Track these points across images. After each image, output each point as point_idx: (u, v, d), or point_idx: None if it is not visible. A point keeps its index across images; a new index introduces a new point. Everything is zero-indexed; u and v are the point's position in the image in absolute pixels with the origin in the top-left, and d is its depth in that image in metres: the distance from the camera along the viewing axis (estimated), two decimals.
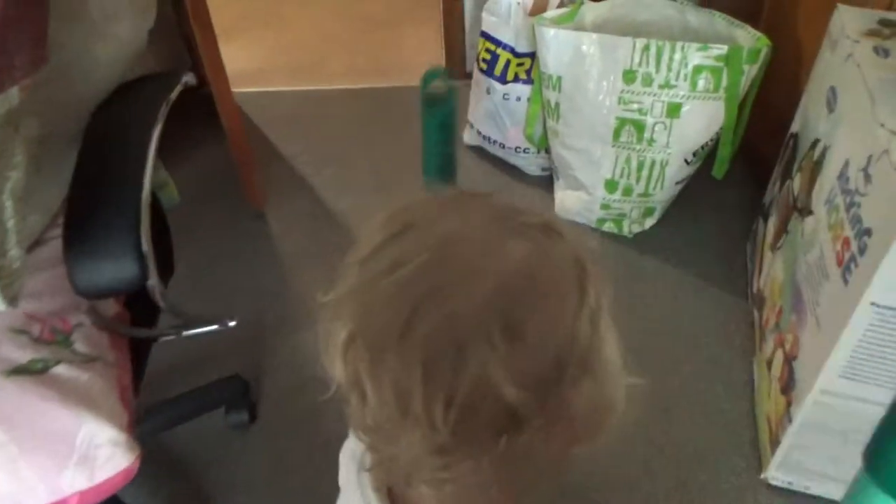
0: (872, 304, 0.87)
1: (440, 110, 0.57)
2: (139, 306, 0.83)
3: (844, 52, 1.11)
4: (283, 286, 1.60)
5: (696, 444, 1.25)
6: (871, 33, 1.12)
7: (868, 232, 0.88)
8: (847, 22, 1.15)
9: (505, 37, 1.73)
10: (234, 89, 1.66)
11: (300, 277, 1.61)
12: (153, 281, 0.70)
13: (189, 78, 0.92)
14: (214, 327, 0.91)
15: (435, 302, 0.36)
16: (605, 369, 0.40)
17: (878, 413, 1.00)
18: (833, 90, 1.14)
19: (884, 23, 1.14)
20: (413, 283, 0.37)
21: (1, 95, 0.55)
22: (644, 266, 1.63)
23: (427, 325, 0.36)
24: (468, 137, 1.97)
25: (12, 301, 0.59)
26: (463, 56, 2.29)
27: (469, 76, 2.28)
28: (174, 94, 0.86)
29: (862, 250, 0.89)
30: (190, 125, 1.45)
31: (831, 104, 1.14)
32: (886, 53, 1.07)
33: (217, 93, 1.54)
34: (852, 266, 0.91)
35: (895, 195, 0.82)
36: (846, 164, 1.01)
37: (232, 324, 0.91)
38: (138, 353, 0.84)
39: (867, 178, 0.92)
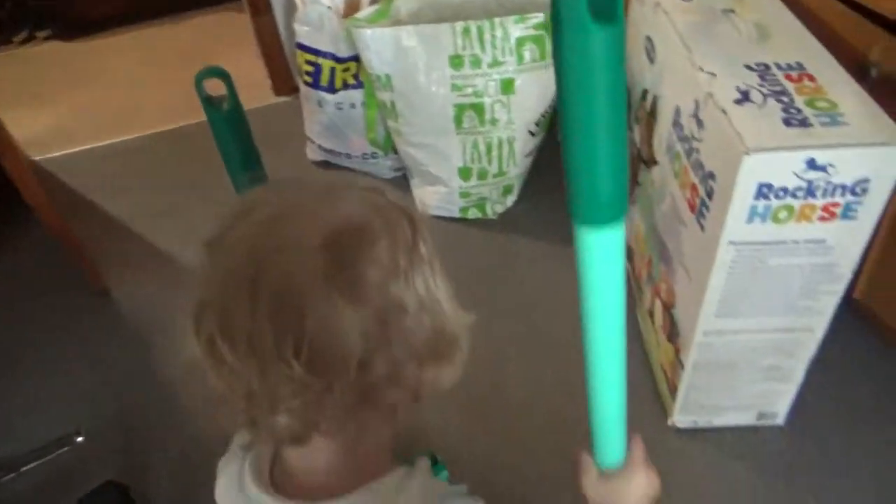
0: (730, 243, 0.89)
1: (221, 107, 0.52)
2: None
3: (652, 1, 1.13)
4: (145, 366, 1.44)
5: None
6: None
7: (711, 175, 0.90)
8: None
9: (323, 45, 1.65)
10: (40, 156, 1.47)
11: (162, 352, 1.46)
12: None
13: None
14: (62, 450, 0.77)
15: (274, 261, 0.40)
16: (440, 306, 0.44)
17: (755, 340, 1.04)
18: (650, 40, 1.16)
19: None
20: (254, 249, 0.41)
21: None
22: (513, 243, 1.62)
23: (269, 282, 0.39)
24: (311, 153, 1.88)
25: None
26: (287, 71, 2.18)
27: (297, 90, 2.18)
28: None
29: (710, 194, 0.91)
30: None
31: (650, 54, 1.16)
32: None
33: (10, 169, 1.35)
34: (704, 211, 0.93)
35: (727, 135, 0.83)
36: (677, 111, 1.03)
37: (80, 439, 0.78)
38: None
39: (699, 123, 0.93)
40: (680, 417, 1.19)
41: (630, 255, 1.41)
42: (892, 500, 1.08)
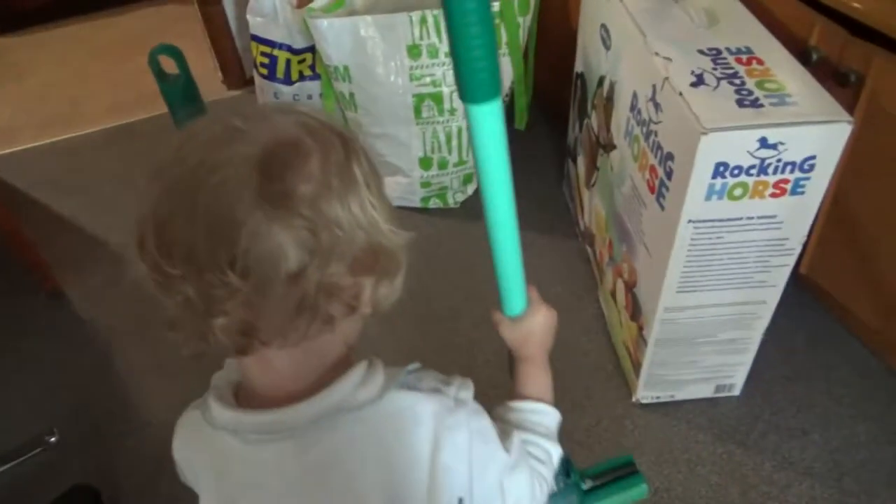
0: (690, 221, 0.93)
1: (174, 84, 0.53)
2: None
3: None
4: (105, 370, 1.41)
5: (570, 390, 1.28)
6: None
7: (670, 156, 0.93)
8: None
9: (278, 36, 1.63)
10: None
11: (123, 353, 1.43)
12: None
13: None
14: (36, 451, 0.76)
15: (209, 177, 0.42)
16: (376, 224, 0.46)
17: (713, 314, 1.09)
18: (605, 27, 1.19)
19: None
20: (192, 168, 0.43)
21: None
22: (476, 231, 1.63)
23: (204, 197, 0.41)
24: None
25: None
26: (239, 63, 2.15)
27: (250, 83, 2.15)
28: None
29: (669, 174, 0.94)
30: None
31: (606, 41, 1.19)
32: None
33: None
34: (664, 191, 0.97)
35: (685, 117, 0.87)
36: (634, 96, 1.06)
37: (53, 439, 0.77)
38: None
39: (657, 106, 0.97)
40: (644, 393, 1.23)
41: (591, 239, 1.45)
42: (839, 454, 1.15)
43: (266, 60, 1.66)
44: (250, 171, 0.42)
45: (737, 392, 1.24)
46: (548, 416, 0.64)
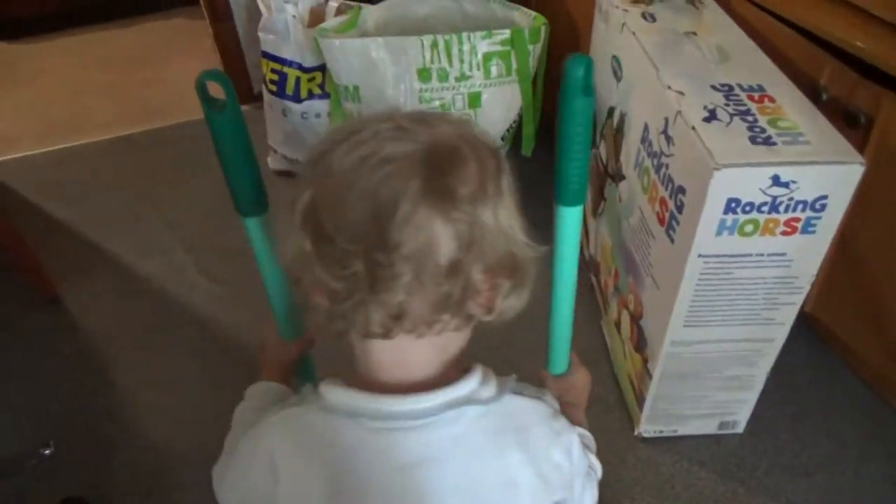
0: (700, 255, 0.93)
1: (220, 110, 0.54)
2: None
3: (618, 21, 1.17)
4: (101, 379, 1.39)
5: None
6: (636, 1, 1.19)
7: (682, 190, 0.93)
8: None
9: (289, 54, 1.64)
10: None
11: (122, 364, 1.41)
12: None
13: None
14: (31, 463, 0.74)
15: (381, 165, 0.45)
16: (515, 234, 0.50)
17: (720, 350, 1.08)
18: (616, 59, 1.19)
19: None
20: (364, 157, 0.46)
21: None
22: None
23: (376, 184, 0.45)
24: (273, 163, 1.85)
25: None
26: (247, 79, 2.15)
27: (258, 98, 2.15)
28: None
29: (680, 208, 0.94)
30: None
31: (617, 73, 1.20)
32: (653, 18, 1.15)
33: None
34: (674, 224, 0.96)
35: (698, 151, 0.87)
36: (646, 128, 1.06)
37: (48, 452, 0.75)
38: None
39: (668, 139, 0.97)
40: (646, 427, 1.22)
41: (596, 268, 1.44)
42: (842, 497, 1.14)
43: (276, 77, 1.66)
44: (417, 166, 0.45)
45: (740, 429, 1.23)
46: (591, 440, 0.72)
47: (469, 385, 0.53)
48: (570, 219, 0.62)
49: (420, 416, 0.50)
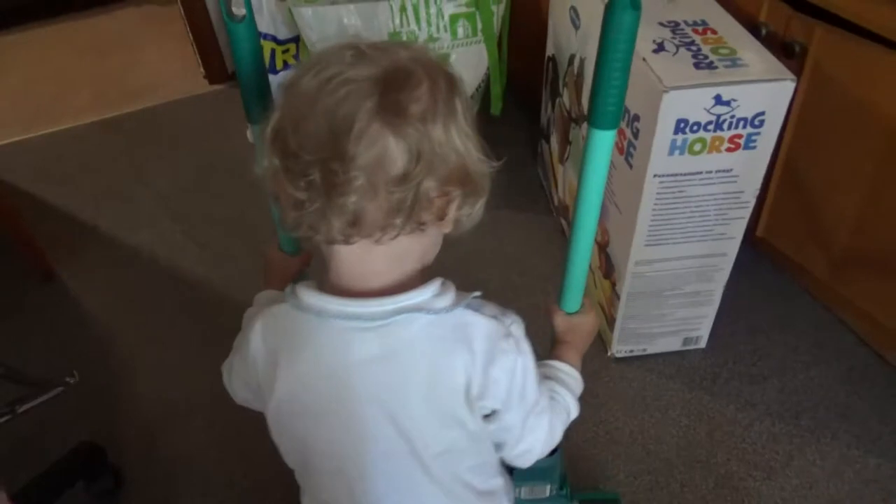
0: (655, 175, 1.03)
1: (242, 22, 0.63)
2: None
3: None
4: (104, 344, 1.46)
5: (548, 348, 1.37)
6: None
7: (637, 118, 1.03)
8: None
9: (263, 27, 1.70)
10: None
11: (120, 328, 1.48)
12: None
13: None
14: (57, 391, 0.81)
15: (340, 86, 0.50)
16: (468, 150, 0.54)
17: (679, 267, 1.19)
18: (574, 9, 1.29)
19: None
20: (327, 78, 0.51)
21: None
22: None
23: (335, 102, 0.50)
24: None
25: None
26: (220, 58, 2.21)
27: (232, 77, 2.22)
28: None
29: (636, 134, 1.04)
30: None
31: (575, 22, 1.29)
32: None
33: None
34: (632, 150, 1.06)
35: (649, 80, 0.97)
36: None
37: (72, 380, 0.82)
38: None
39: None
40: (618, 347, 1.33)
41: (566, 211, 1.55)
42: (795, 396, 1.26)
43: None
44: (373, 87, 0.50)
45: (703, 345, 1.34)
46: (575, 381, 0.73)
47: (423, 295, 0.56)
48: (602, 143, 0.61)
49: (377, 318, 0.56)
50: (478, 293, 0.60)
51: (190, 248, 1.65)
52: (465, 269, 1.62)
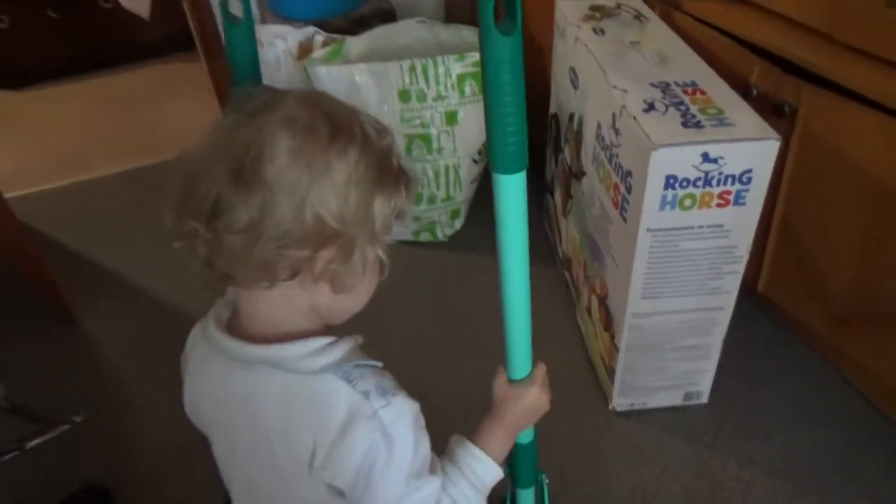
0: (648, 230, 1.05)
1: (239, 26, 0.66)
2: None
3: (572, 36, 1.32)
4: (116, 386, 1.49)
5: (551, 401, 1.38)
6: (587, 18, 1.34)
7: (629, 173, 1.06)
8: (567, 12, 1.37)
9: (280, 84, 1.78)
10: None
11: (133, 372, 1.51)
12: None
13: None
14: (63, 428, 0.84)
15: (200, 154, 0.55)
16: (333, 208, 0.54)
17: (676, 320, 1.20)
18: (573, 70, 1.34)
19: (594, 8, 1.38)
20: (227, 125, 0.55)
21: None
22: (463, 262, 1.76)
23: (193, 169, 0.55)
24: None
25: None
26: None
27: None
28: None
29: (629, 189, 1.07)
30: None
31: (574, 82, 1.35)
32: (602, 32, 1.30)
33: None
34: (625, 204, 1.09)
35: (639, 138, 1.00)
36: (599, 126, 1.20)
37: (78, 419, 0.85)
38: None
39: (617, 131, 1.11)
40: (619, 400, 1.33)
41: (569, 264, 1.57)
42: (799, 455, 1.25)
43: None
44: (230, 154, 0.54)
45: (704, 399, 1.33)
46: (487, 469, 0.67)
47: (293, 350, 0.58)
48: (509, 188, 0.54)
49: (248, 361, 0.59)
50: (374, 363, 0.60)
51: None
52: (462, 314, 1.65)
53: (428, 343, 1.52)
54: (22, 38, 2.67)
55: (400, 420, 0.57)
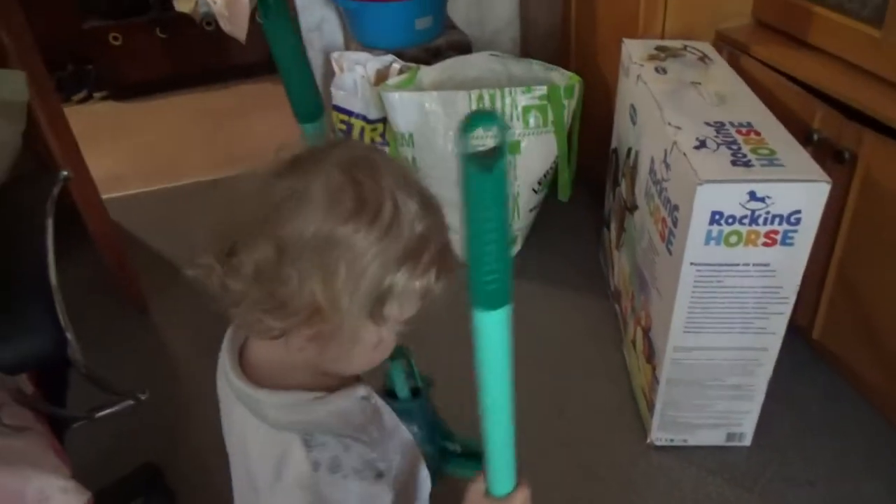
0: (692, 263, 1.07)
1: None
2: (49, 385, 0.86)
3: (635, 75, 1.36)
4: (179, 373, 1.61)
5: (591, 430, 1.39)
6: (651, 58, 1.38)
7: (676, 207, 1.09)
8: (633, 51, 1.41)
9: (356, 107, 1.90)
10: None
11: (195, 361, 1.62)
12: (75, 350, 0.74)
13: (67, 173, 0.98)
14: (129, 403, 0.94)
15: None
16: (317, 286, 0.52)
17: (719, 357, 1.20)
18: (633, 107, 1.38)
19: (659, 49, 1.41)
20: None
21: None
22: (518, 288, 1.79)
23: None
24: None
25: None
26: None
27: None
28: (57, 190, 0.92)
29: (675, 223, 1.09)
30: None
31: (633, 118, 1.38)
32: (665, 71, 1.33)
33: (83, 195, 1.57)
34: (671, 238, 1.12)
35: (688, 174, 1.03)
36: (652, 161, 1.23)
37: (143, 396, 0.94)
38: (58, 436, 0.86)
39: (667, 166, 1.13)
40: (658, 434, 1.33)
41: (618, 296, 1.58)
42: (836, 502, 1.22)
43: (344, 127, 1.92)
44: (260, 202, 0.54)
45: (747, 442, 1.32)
46: None
47: (270, 399, 0.58)
48: (490, 325, 0.50)
49: (245, 399, 0.60)
50: (359, 435, 0.59)
51: None
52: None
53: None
54: (132, 54, 2.92)
55: (348, 497, 0.56)
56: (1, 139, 0.88)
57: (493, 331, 0.51)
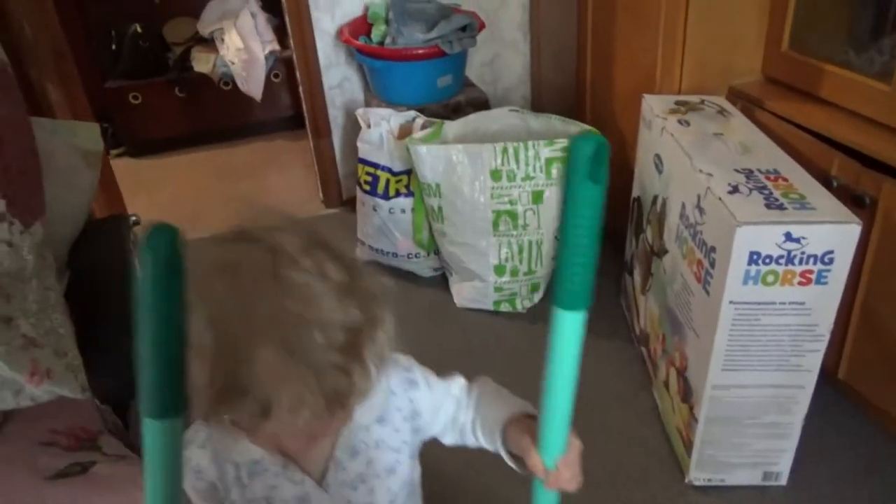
0: (731, 302, 1.12)
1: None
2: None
3: (659, 127, 1.44)
4: None
5: (626, 471, 1.41)
6: (673, 111, 1.46)
7: (713, 249, 1.14)
8: (654, 106, 1.49)
9: (382, 160, 1.97)
10: None
11: None
12: None
13: (136, 217, 1.03)
14: None
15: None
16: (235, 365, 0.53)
17: (756, 395, 1.23)
18: (658, 157, 1.45)
19: (679, 103, 1.50)
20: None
21: (32, 227, 0.64)
22: (540, 334, 1.81)
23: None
24: (361, 253, 2.14)
25: (84, 391, 0.65)
26: (338, 187, 2.50)
27: (344, 204, 2.50)
28: (134, 231, 0.96)
29: (713, 264, 1.15)
30: None
31: (659, 167, 1.45)
32: (688, 123, 1.41)
33: None
34: (709, 278, 1.17)
35: (723, 216, 1.09)
36: (683, 206, 1.29)
37: None
38: None
39: (701, 211, 1.20)
40: (696, 474, 1.35)
41: (646, 339, 1.62)
42: None
43: (369, 179, 1.98)
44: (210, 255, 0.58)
45: (783, 481, 1.34)
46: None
47: None
48: (569, 325, 0.54)
49: None
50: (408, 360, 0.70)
51: None
52: (535, 383, 1.69)
53: None
54: (152, 113, 3.02)
55: None
56: (85, 184, 0.93)
57: (569, 331, 0.55)
